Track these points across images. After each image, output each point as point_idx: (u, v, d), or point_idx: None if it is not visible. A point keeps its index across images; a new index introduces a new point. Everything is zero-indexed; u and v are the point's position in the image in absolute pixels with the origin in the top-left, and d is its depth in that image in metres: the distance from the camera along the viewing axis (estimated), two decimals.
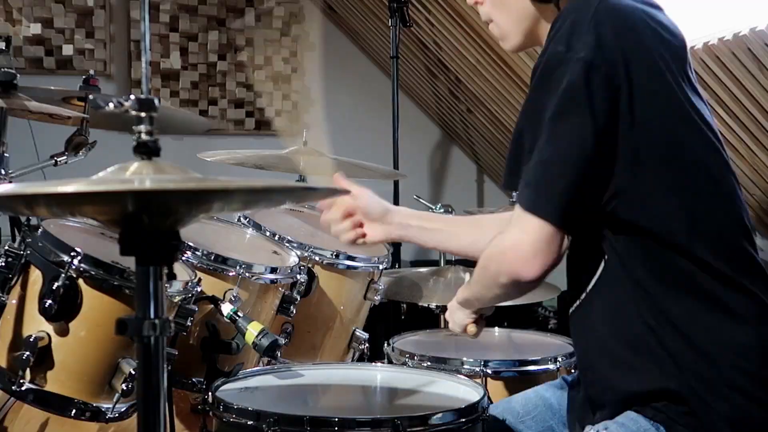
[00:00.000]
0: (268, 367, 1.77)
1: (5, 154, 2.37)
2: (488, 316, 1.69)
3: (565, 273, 1.45)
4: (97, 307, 1.60)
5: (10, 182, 2.38)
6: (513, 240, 1.28)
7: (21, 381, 1.57)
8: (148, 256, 0.93)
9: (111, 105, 0.93)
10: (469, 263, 2.86)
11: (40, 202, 0.88)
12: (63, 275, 1.56)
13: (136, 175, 0.91)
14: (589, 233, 1.31)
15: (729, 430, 1.24)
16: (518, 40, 1.47)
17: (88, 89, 2.44)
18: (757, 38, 2.51)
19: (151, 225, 0.91)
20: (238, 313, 1.71)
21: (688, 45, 1.37)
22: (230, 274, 1.89)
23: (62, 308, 1.56)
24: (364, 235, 1.61)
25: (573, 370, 2.00)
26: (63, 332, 1.59)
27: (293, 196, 1.07)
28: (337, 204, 1.61)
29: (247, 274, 1.90)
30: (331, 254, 2.21)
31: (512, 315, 3.71)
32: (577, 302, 1.40)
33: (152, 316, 0.93)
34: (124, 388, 1.60)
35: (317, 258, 2.19)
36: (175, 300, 1.68)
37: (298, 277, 2.07)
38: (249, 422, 1.39)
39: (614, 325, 1.32)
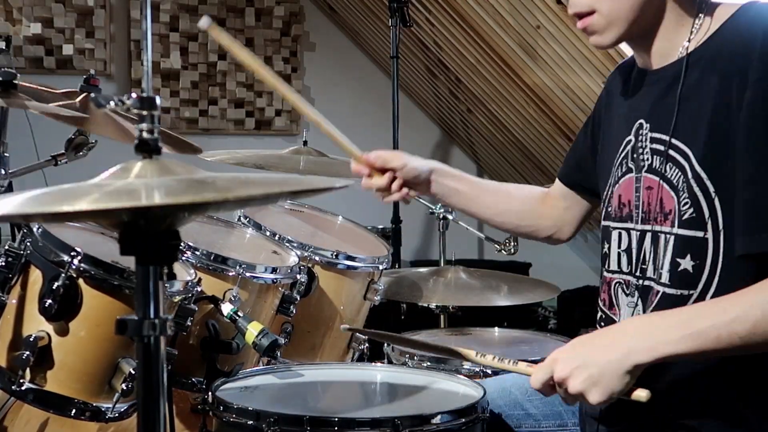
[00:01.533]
0: (268, 367, 1.77)
1: (5, 154, 2.36)
2: None
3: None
4: (97, 307, 1.59)
5: (10, 182, 2.38)
6: None
7: (21, 381, 1.57)
8: (148, 256, 0.93)
9: (112, 103, 0.93)
10: (469, 264, 2.87)
11: (36, 218, 0.87)
12: (63, 275, 1.56)
13: (140, 179, 0.91)
14: None
15: None
16: (621, 30, 1.33)
17: (89, 89, 2.44)
18: None
19: (148, 228, 0.90)
20: (238, 313, 1.71)
21: None
22: (230, 274, 1.88)
23: (62, 308, 1.56)
24: (407, 194, 1.62)
25: None
26: (63, 332, 1.59)
27: (291, 195, 1.06)
28: (377, 173, 1.61)
29: (247, 274, 1.90)
30: (331, 254, 2.21)
31: (512, 315, 3.71)
32: None
33: (152, 315, 0.93)
34: (124, 387, 1.60)
35: (317, 258, 2.19)
36: (175, 300, 1.67)
37: (298, 277, 2.07)
38: (249, 422, 1.39)
39: None
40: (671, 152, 1.29)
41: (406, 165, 1.60)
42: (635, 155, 1.37)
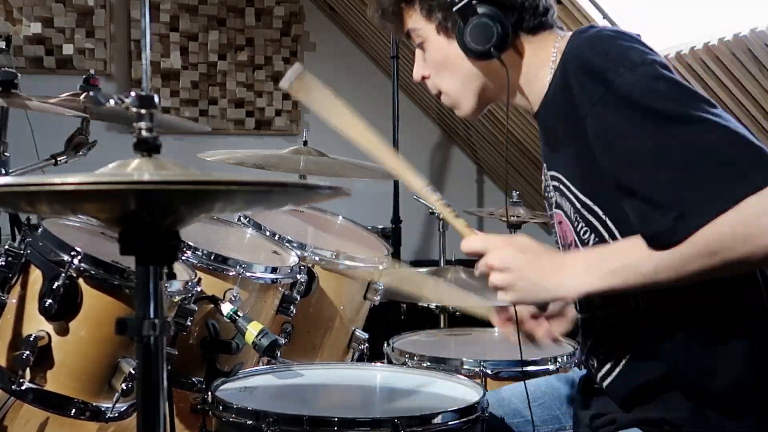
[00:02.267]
0: (268, 367, 1.77)
1: (5, 154, 2.37)
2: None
3: None
4: (97, 307, 1.60)
5: None
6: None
7: (21, 380, 1.57)
8: (148, 256, 0.93)
9: (111, 101, 0.93)
10: (469, 264, 2.86)
11: (41, 197, 0.87)
12: (63, 275, 1.56)
13: (137, 171, 0.91)
14: None
15: None
16: (471, 103, 1.40)
17: (89, 89, 2.44)
18: (757, 39, 2.51)
19: (151, 223, 0.90)
20: (238, 313, 1.71)
21: (689, 46, 1.37)
22: (230, 273, 1.88)
23: (62, 308, 1.56)
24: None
25: (578, 368, 1.99)
26: (63, 332, 1.59)
27: (295, 196, 1.07)
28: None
29: (247, 274, 1.90)
30: (331, 254, 2.21)
31: None
32: None
33: (152, 315, 0.93)
34: (124, 387, 1.60)
35: (317, 258, 2.19)
36: (175, 300, 1.68)
37: (298, 277, 2.07)
38: (248, 422, 1.39)
39: None
40: (561, 186, 1.32)
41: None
42: (547, 195, 1.41)
